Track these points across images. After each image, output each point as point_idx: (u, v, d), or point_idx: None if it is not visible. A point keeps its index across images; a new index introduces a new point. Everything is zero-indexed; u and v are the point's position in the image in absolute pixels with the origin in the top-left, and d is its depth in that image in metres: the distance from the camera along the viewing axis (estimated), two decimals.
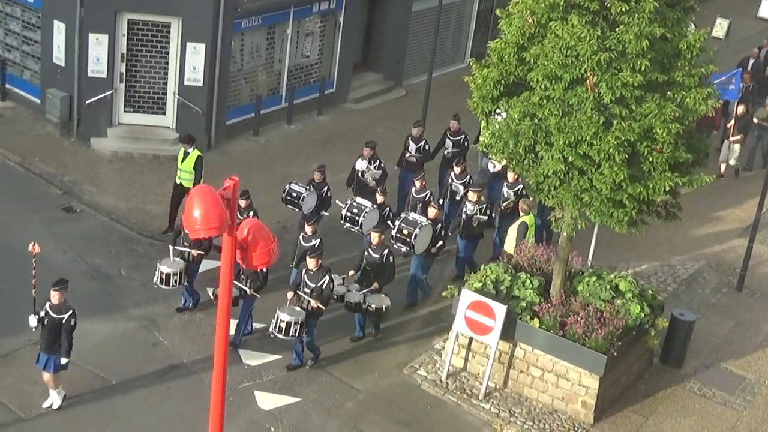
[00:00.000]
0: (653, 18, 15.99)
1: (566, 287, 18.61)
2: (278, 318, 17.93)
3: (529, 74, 16.63)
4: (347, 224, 21.11)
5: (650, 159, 16.26)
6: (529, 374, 18.65)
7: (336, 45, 29.08)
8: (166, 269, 18.99)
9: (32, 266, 16.51)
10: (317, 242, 19.40)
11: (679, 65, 16.49)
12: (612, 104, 16.16)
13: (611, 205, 16.60)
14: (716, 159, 27.08)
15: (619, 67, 16.01)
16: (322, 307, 18.19)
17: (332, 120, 28.88)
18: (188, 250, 19.21)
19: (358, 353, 19.44)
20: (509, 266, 19.13)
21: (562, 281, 18.49)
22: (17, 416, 16.75)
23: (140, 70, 25.57)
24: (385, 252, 19.33)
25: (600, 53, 15.87)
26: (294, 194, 21.27)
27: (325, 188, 21.73)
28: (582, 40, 15.90)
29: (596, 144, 16.10)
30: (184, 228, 10.16)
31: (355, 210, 21.00)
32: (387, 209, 21.45)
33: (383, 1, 30.44)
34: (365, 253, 19.51)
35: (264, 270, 18.53)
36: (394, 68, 31.15)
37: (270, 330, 18.14)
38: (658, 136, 16.01)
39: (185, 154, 21.88)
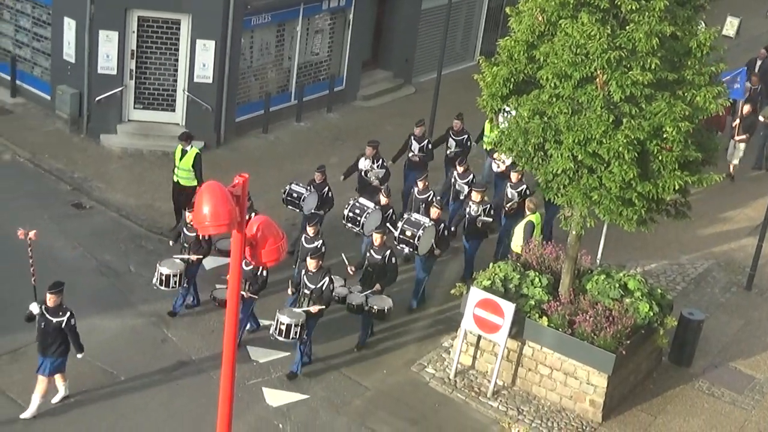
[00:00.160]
0: (663, 16, 15.95)
1: (575, 286, 18.59)
2: (278, 320, 17.77)
3: (539, 72, 16.62)
4: (348, 224, 20.93)
5: (660, 157, 16.23)
6: (538, 372, 18.64)
7: (345, 42, 29.08)
8: (166, 270, 18.80)
9: (29, 254, 16.40)
10: (319, 243, 19.29)
11: (690, 64, 16.46)
12: (622, 102, 16.14)
13: (620, 204, 16.58)
14: (725, 159, 27.01)
15: (629, 66, 15.99)
16: (323, 308, 18.05)
17: (341, 117, 28.88)
18: (188, 257, 19.04)
19: (367, 351, 19.43)
20: (518, 264, 19.12)
21: (571, 280, 18.47)
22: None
23: (150, 67, 25.60)
24: (387, 253, 19.19)
25: (610, 51, 15.84)
26: (294, 194, 21.08)
27: (326, 189, 21.52)
28: (592, 39, 15.88)
29: (606, 142, 16.08)
30: (194, 224, 10.15)
31: (357, 210, 20.79)
32: (390, 210, 21.21)
33: None
34: (367, 254, 19.38)
35: (264, 273, 18.45)
36: (404, 66, 31.14)
37: (270, 332, 17.99)
38: (668, 135, 15.98)
39: (183, 152, 21.73)
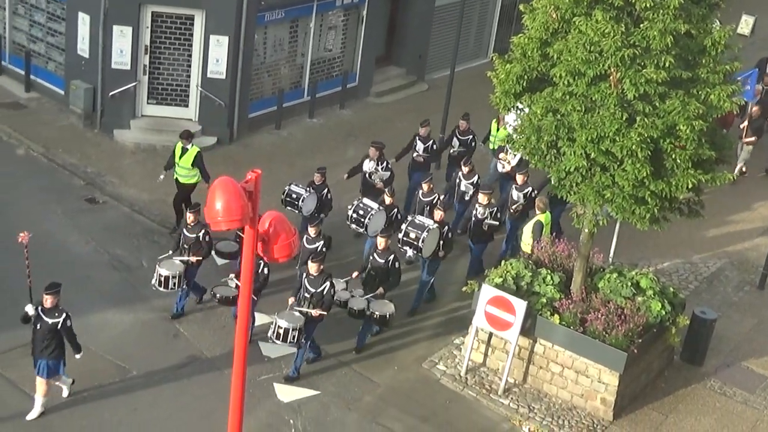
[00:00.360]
0: (678, 14, 15.92)
1: (587, 284, 18.57)
2: (276, 324, 17.56)
3: (552, 70, 16.59)
4: (353, 225, 20.71)
5: (673, 156, 16.20)
6: (549, 370, 18.62)
7: (359, 39, 29.08)
8: (165, 271, 18.64)
9: (24, 256, 16.27)
10: (320, 244, 19.17)
11: (704, 62, 16.42)
12: (635, 101, 16.10)
13: (633, 202, 16.55)
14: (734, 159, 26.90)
15: (643, 64, 15.95)
16: (324, 314, 17.88)
17: (354, 114, 28.88)
18: (188, 258, 18.95)
19: (378, 347, 19.44)
20: (530, 262, 19.11)
21: (583, 278, 18.45)
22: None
23: (164, 63, 25.65)
24: (391, 257, 18.99)
25: (624, 49, 15.81)
26: (294, 195, 20.81)
27: (326, 190, 21.32)
28: (606, 36, 15.85)
29: (619, 140, 16.05)
30: (207, 220, 10.16)
31: (362, 211, 20.56)
32: (395, 210, 21.04)
33: None
34: (370, 258, 19.20)
35: (265, 271, 18.33)
36: (417, 62, 31.12)
37: (268, 335, 17.74)
38: (682, 133, 15.95)
39: (183, 150, 21.45)
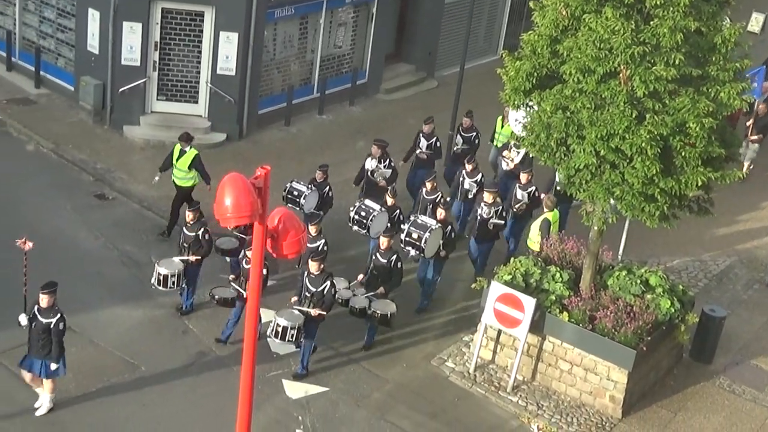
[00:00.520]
0: (688, 11, 15.88)
1: (596, 281, 18.56)
2: (275, 322, 17.46)
3: (562, 67, 16.57)
4: (355, 227, 20.55)
5: (683, 153, 16.17)
6: (558, 368, 18.62)
7: (368, 35, 29.07)
8: (164, 270, 18.56)
9: (23, 263, 15.97)
10: (322, 243, 19.05)
11: (714, 59, 16.38)
12: (645, 98, 16.07)
13: (643, 200, 16.53)
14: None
15: (653, 61, 15.92)
16: (324, 314, 17.77)
17: (364, 111, 28.88)
18: (187, 258, 18.89)
19: (387, 344, 19.44)
20: (539, 259, 19.09)
21: (592, 275, 18.43)
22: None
23: (173, 59, 25.67)
24: (393, 257, 18.91)
25: (634, 47, 15.78)
26: (295, 193, 20.59)
27: (327, 188, 21.19)
28: (616, 34, 15.83)
29: (628, 138, 16.03)
30: (216, 216, 10.17)
31: (363, 213, 20.39)
32: (397, 212, 20.84)
33: None
34: (373, 257, 19.12)
35: (264, 273, 17.93)
36: (427, 59, 31.10)
37: (267, 333, 17.68)
38: (691, 131, 15.92)
39: (181, 153, 21.23)
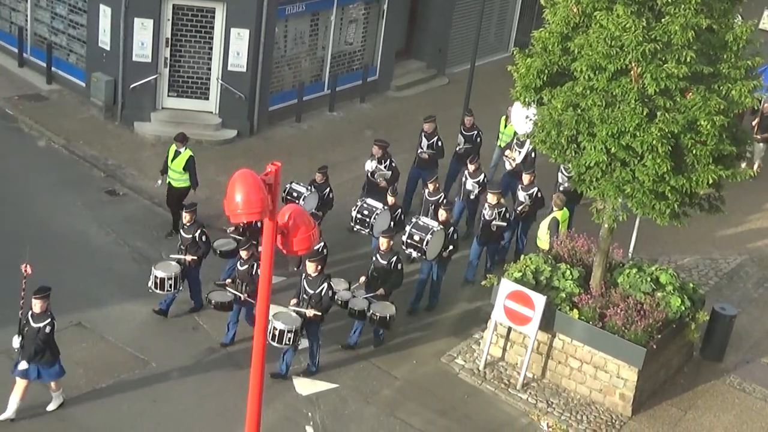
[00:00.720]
0: (700, 9, 15.85)
1: (606, 279, 18.53)
2: (272, 325, 17.29)
3: (573, 64, 16.55)
4: (357, 226, 20.43)
5: (694, 151, 16.14)
6: (568, 365, 18.60)
7: (379, 32, 29.08)
8: (161, 273, 18.43)
9: (21, 287, 15.75)
10: (320, 245, 18.87)
11: (725, 57, 16.33)
12: (656, 95, 16.04)
13: (653, 197, 16.50)
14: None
15: (664, 59, 15.89)
16: (319, 314, 17.62)
17: (374, 107, 28.89)
18: (183, 257, 18.80)
19: (396, 341, 19.43)
20: (549, 257, 19.08)
21: (603, 273, 18.41)
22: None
23: (184, 55, 25.71)
24: (394, 258, 18.75)
25: (645, 44, 15.75)
26: (294, 194, 20.37)
27: (327, 189, 21.01)
28: (627, 31, 15.79)
29: (639, 135, 16.00)
30: (226, 212, 10.20)
31: (366, 212, 20.27)
32: (398, 211, 20.77)
33: None
34: (373, 259, 18.94)
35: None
36: (437, 56, 31.10)
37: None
38: (703, 129, 15.89)
39: (176, 153, 21.13)
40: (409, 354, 19.23)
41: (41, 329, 15.78)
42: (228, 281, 18.63)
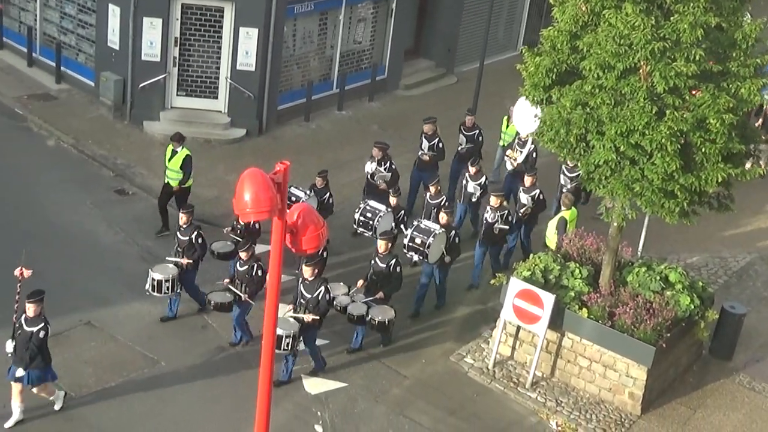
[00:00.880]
0: (708, 7, 15.82)
1: (616, 277, 18.51)
2: None
3: (582, 63, 16.53)
4: (360, 229, 20.34)
5: (703, 149, 16.11)
6: (577, 364, 18.59)
7: (388, 31, 29.09)
8: (158, 276, 18.35)
9: (16, 291, 15.60)
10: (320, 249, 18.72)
11: (734, 55, 16.31)
12: (665, 94, 16.02)
13: (662, 196, 16.47)
14: None
15: (673, 57, 15.87)
16: (318, 318, 17.52)
17: (383, 106, 28.90)
18: (180, 260, 18.69)
19: (406, 340, 19.44)
20: (558, 256, 19.06)
21: (612, 271, 18.39)
22: (68, 395, 16.91)
23: (193, 55, 25.74)
24: (392, 261, 18.60)
25: (654, 42, 15.73)
26: (293, 199, 20.03)
27: (327, 194, 20.89)
28: (636, 29, 15.78)
29: (648, 134, 15.98)
30: (235, 211, 10.20)
31: (369, 214, 20.18)
32: (401, 213, 20.65)
33: None
34: (372, 262, 18.78)
35: (259, 273, 17.98)
36: (446, 55, 31.09)
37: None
38: (712, 127, 15.86)
39: (173, 153, 21.07)
40: (419, 353, 19.23)
41: (34, 334, 15.57)
42: (227, 281, 18.48)
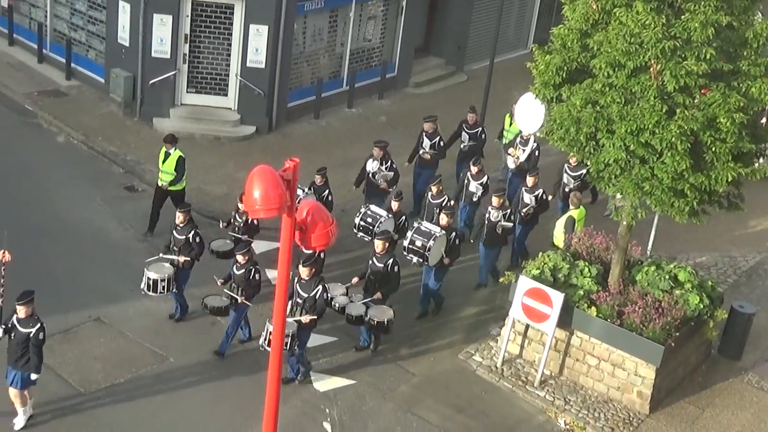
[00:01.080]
0: (719, 6, 15.78)
1: (625, 276, 18.49)
2: (268, 330, 17.15)
3: (592, 61, 16.51)
4: (360, 233, 20.17)
5: (713, 149, 16.08)
6: (585, 363, 18.57)
7: (398, 29, 29.08)
8: (154, 275, 18.13)
9: (1, 274, 15.47)
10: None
11: (745, 54, 16.27)
12: (675, 93, 16.00)
13: (672, 195, 16.45)
14: None
15: (684, 56, 15.84)
16: (315, 318, 17.41)
17: (393, 104, 28.89)
18: (176, 258, 18.55)
19: (414, 338, 19.45)
20: (567, 254, 19.05)
21: (621, 270, 18.37)
22: (77, 391, 16.98)
23: (203, 51, 25.76)
24: (390, 261, 18.47)
25: (664, 41, 15.70)
26: None
27: (326, 192, 20.70)
28: (646, 28, 15.75)
29: (658, 133, 15.95)
30: (244, 208, 10.22)
31: (370, 219, 20.05)
32: (403, 218, 20.46)
33: None
34: (369, 262, 18.66)
35: (256, 277, 17.89)
36: (456, 53, 31.07)
37: (260, 342, 17.43)
38: (722, 126, 15.83)
39: (166, 155, 20.93)
40: (427, 351, 19.23)
41: (33, 335, 15.41)
42: (220, 282, 18.29)
